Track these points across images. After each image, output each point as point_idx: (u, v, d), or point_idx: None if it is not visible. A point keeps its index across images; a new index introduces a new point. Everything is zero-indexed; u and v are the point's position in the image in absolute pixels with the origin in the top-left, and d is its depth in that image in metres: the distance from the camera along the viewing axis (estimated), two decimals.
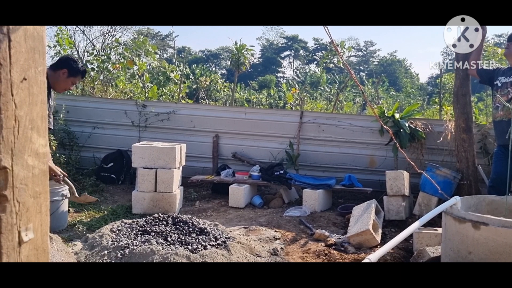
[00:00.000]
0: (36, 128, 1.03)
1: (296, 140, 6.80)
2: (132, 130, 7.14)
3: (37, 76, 1.02)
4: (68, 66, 3.74)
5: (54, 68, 3.74)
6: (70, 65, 3.76)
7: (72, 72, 3.77)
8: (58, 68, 3.74)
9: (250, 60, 10.95)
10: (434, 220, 4.19)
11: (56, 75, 3.73)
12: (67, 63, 3.77)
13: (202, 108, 7.76)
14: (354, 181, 6.10)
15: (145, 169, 5.30)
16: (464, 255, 3.29)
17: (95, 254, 3.76)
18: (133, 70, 8.88)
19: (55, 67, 3.75)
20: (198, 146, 6.98)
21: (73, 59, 3.86)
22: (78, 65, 3.81)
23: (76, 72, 3.80)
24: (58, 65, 3.75)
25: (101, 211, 5.24)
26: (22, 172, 0.99)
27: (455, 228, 3.35)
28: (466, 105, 5.33)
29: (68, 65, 3.75)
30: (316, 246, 4.25)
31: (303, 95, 10.40)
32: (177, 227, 4.24)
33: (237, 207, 5.75)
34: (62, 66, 3.75)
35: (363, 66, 48.12)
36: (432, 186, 4.96)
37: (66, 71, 3.74)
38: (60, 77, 3.74)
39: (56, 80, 3.73)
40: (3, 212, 0.95)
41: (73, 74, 3.79)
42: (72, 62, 3.79)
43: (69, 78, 3.78)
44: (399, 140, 5.88)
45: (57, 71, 3.72)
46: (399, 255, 4.01)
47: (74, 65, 3.78)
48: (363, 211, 4.64)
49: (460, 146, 5.40)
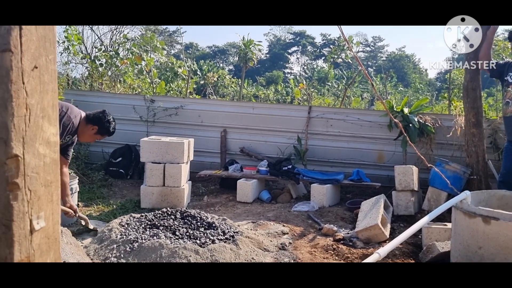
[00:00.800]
0: (47, 116, 1.03)
1: (304, 135, 6.78)
2: (141, 125, 7.16)
3: (48, 64, 1.02)
4: (100, 124, 3.70)
5: (88, 121, 3.69)
6: (103, 125, 3.71)
7: (101, 131, 3.74)
8: (91, 122, 3.69)
9: (257, 55, 10.94)
10: (443, 215, 4.16)
11: (87, 127, 3.68)
12: (101, 121, 3.71)
13: (210, 103, 7.76)
14: (362, 176, 6.07)
15: (153, 163, 5.32)
16: (474, 250, 3.26)
17: (104, 247, 3.78)
18: (141, 66, 8.89)
19: (89, 121, 3.69)
20: (206, 141, 6.99)
21: (109, 119, 3.75)
22: (110, 127, 3.75)
23: (105, 133, 3.77)
24: (92, 120, 3.70)
25: (110, 206, 5.27)
26: (33, 160, 0.99)
27: (465, 223, 3.32)
28: (476, 99, 5.28)
29: (101, 124, 3.70)
30: (324, 241, 4.24)
31: (310, 91, 10.36)
32: (185, 222, 4.25)
33: (245, 202, 5.75)
34: (95, 122, 3.69)
35: (371, 62, 47.83)
36: (441, 181, 4.92)
37: (97, 128, 3.70)
38: (89, 131, 3.70)
39: (84, 131, 3.69)
40: (15, 200, 0.96)
41: (101, 133, 3.76)
42: (106, 123, 3.72)
43: (96, 135, 3.75)
44: (408, 135, 5.84)
45: (88, 124, 3.68)
46: (408, 250, 3.99)
47: (107, 125, 3.72)
48: (371, 206, 4.62)
49: (470, 141, 5.35)
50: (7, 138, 0.94)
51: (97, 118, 3.70)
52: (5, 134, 0.94)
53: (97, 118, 3.70)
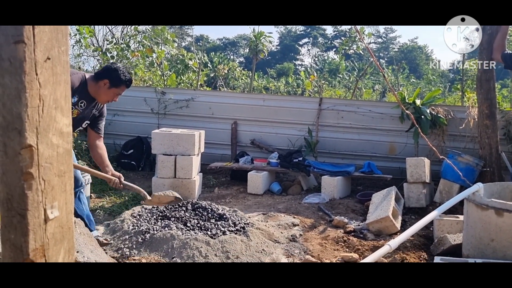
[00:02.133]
0: (60, 107, 1.04)
1: (315, 127, 6.76)
2: (152, 117, 7.20)
3: (61, 55, 1.03)
4: (109, 76, 3.39)
5: (96, 78, 3.42)
6: (111, 74, 3.39)
7: (114, 82, 3.40)
8: (100, 78, 3.40)
9: (268, 47, 10.90)
10: (455, 207, 4.14)
11: (98, 85, 3.40)
12: (108, 72, 3.41)
13: (220, 95, 7.77)
14: (373, 168, 6.04)
15: (164, 155, 5.35)
16: (487, 243, 3.24)
17: (117, 238, 3.83)
18: (152, 58, 8.92)
19: (96, 77, 3.42)
20: (216, 133, 7.00)
21: (116, 68, 3.44)
22: (120, 75, 3.40)
23: (118, 82, 3.42)
24: (100, 75, 3.42)
25: (122, 197, 5.32)
26: (47, 150, 1.01)
27: (477, 215, 3.30)
28: (489, 90, 5.21)
29: (109, 75, 3.39)
30: (335, 233, 4.25)
31: (321, 83, 10.30)
32: (196, 213, 4.28)
33: (256, 193, 5.77)
34: (104, 76, 3.40)
35: (383, 53, 47.34)
36: (453, 173, 4.88)
37: (108, 81, 3.39)
38: (102, 88, 3.40)
39: (97, 90, 3.41)
40: (29, 190, 0.97)
41: (115, 85, 3.42)
42: (114, 71, 3.41)
43: (111, 89, 3.42)
44: (420, 127, 5.79)
45: (98, 81, 3.40)
46: (420, 242, 3.98)
47: (116, 74, 3.39)
48: (382, 198, 4.60)
49: (483, 133, 5.29)
50: (21, 129, 0.95)
51: (103, 71, 3.45)
52: (19, 125, 0.95)
53: (104, 71, 3.45)
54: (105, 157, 3.60)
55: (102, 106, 3.61)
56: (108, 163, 3.58)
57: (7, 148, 0.96)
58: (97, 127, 3.61)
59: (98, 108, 3.57)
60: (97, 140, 3.61)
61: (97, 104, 3.54)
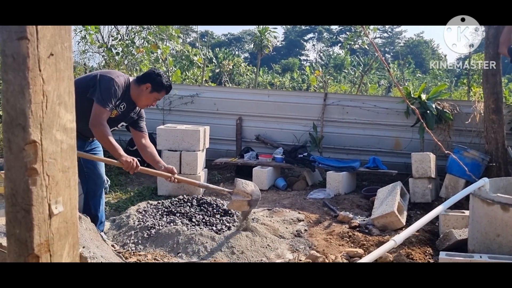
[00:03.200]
0: (63, 103, 1.05)
1: (320, 122, 6.75)
2: (157, 113, 7.21)
3: (64, 52, 1.04)
4: (152, 80, 3.44)
5: (138, 82, 3.46)
6: (154, 79, 3.45)
7: (155, 87, 3.45)
8: (142, 82, 3.44)
9: (273, 42, 10.86)
10: (461, 202, 4.13)
11: (140, 89, 3.44)
12: (151, 77, 3.46)
13: (225, 91, 7.76)
14: (378, 164, 6.03)
15: (169, 151, 5.37)
16: (492, 238, 3.23)
17: (123, 233, 3.85)
18: (156, 54, 8.92)
19: (139, 81, 3.46)
20: (221, 128, 7.01)
21: (159, 73, 3.50)
22: (162, 80, 3.47)
23: (160, 87, 3.47)
24: (143, 79, 3.46)
25: (128, 193, 5.35)
26: (51, 146, 1.01)
27: (483, 210, 3.29)
28: (496, 84, 5.18)
29: (152, 79, 3.44)
30: (340, 228, 4.25)
31: (326, 78, 10.27)
32: (201, 208, 4.30)
33: (261, 189, 5.73)
34: (146, 80, 3.44)
35: (388, 48, 47.09)
36: (459, 168, 4.86)
37: (150, 85, 3.44)
38: (143, 92, 3.44)
39: (139, 94, 3.45)
40: (33, 185, 0.98)
41: (157, 89, 3.47)
42: (156, 77, 3.46)
43: (152, 93, 3.47)
44: (426, 122, 5.76)
45: (141, 85, 3.44)
46: (425, 237, 3.97)
47: (159, 79, 3.45)
48: (388, 193, 4.59)
49: (489, 127, 5.26)
50: (25, 124, 0.96)
51: (146, 75, 3.49)
52: (23, 120, 0.96)
53: (147, 75, 3.49)
54: (155, 154, 3.65)
55: (139, 110, 3.64)
56: (159, 159, 3.64)
57: (11, 144, 0.97)
58: (139, 126, 3.66)
59: (136, 112, 3.61)
60: (143, 139, 3.66)
61: (135, 108, 3.57)
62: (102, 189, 3.68)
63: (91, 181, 3.54)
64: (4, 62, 0.95)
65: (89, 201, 3.57)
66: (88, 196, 3.56)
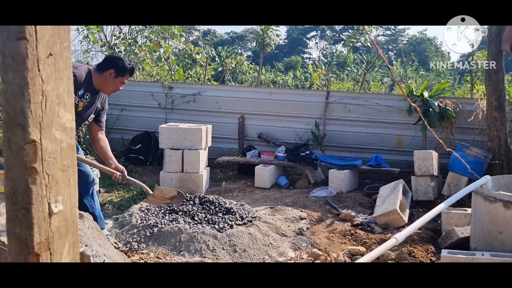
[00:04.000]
0: (63, 103, 1.05)
1: (322, 120, 6.75)
2: (159, 112, 7.23)
3: (63, 52, 1.04)
4: (114, 65, 3.41)
5: (100, 69, 3.44)
6: (116, 64, 3.42)
7: (119, 71, 3.43)
8: (104, 69, 3.42)
9: (275, 41, 10.85)
10: (463, 200, 4.12)
11: (103, 76, 3.42)
12: (113, 62, 3.43)
13: (227, 89, 7.77)
14: (381, 162, 6.02)
15: (172, 150, 5.38)
16: (495, 235, 3.23)
17: (125, 232, 3.87)
18: (159, 53, 8.93)
19: (101, 68, 3.44)
20: (223, 127, 7.02)
21: (119, 57, 3.50)
22: (125, 63, 3.45)
23: (123, 71, 3.45)
24: (104, 66, 3.43)
25: (130, 191, 5.37)
26: (50, 145, 1.02)
27: (485, 208, 3.28)
28: (498, 82, 5.16)
29: (115, 65, 3.41)
30: (342, 226, 4.25)
31: (329, 76, 10.25)
32: (204, 207, 4.31)
33: (263, 187, 5.78)
34: (108, 66, 3.42)
35: (391, 46, 46.90)
36: (461, 166, 4.85)
37: (113, 71, 3.41)
38: (108, 78, 3.43)
39: (103, 81, 3.44)
40: (33, 184, 0.99)
41: (121, 74, 3.45)
42: (118, 61, 3.44)
43: (117, 78, 3.44)
44: (428, 120, 5.75)
45: (103, 72, 3.42)
46: (427, 235, 3.97)
47: (121, 63, 3.43)
48: (390, 191, 4.59)
49: (492, 125, 5.25)
50: (25, 124, 0.97)
51: (107, 61, 3.47)
52: (22, 120, 0.97)
53: (108, 61, 3.47)
54: (107, 150, 3.59)
55: (104, 98, 3.64)
56: (111, 155, 3.56)
57: (11, 144, 0.98)
58: (99, 119, 3.63)
59: (101, 101, 3.60)
60: (99, 132, 3.62)
61: (100, 96, 3.57)
62: (93, 187, 3.69)
63: (82, 180, 3.51)
64: (3, 62, 0.96)
65: (83, 201, 3.57)
66: (82, 196, 3.54)
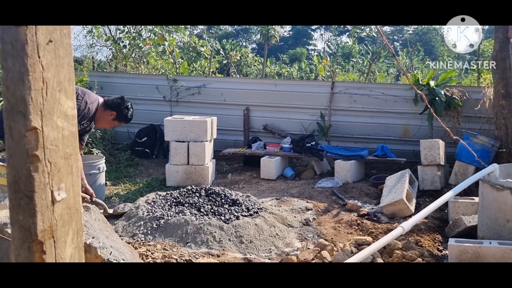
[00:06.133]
0: (64, 90, 1.05)
1: (328, 111, 6.71)
2: (164, 104, 7.23)
3: (63, 38, 1.03)
4: (119, 110, 3.60)
5: (106, 107, 3.60)
6: (121, 111, 3.61)
7: (119, 117, 3.64)
8: (109, 108, 3.59)
9: (280, 33, 10.79)
10: (470, 189, 4.10)
11: (105, 113, 3.59)
12: (119, 107, 3.60)
13: (232, 81, 7.75)
14: (387, 152, 5.99)
15: (177, 142, 5.38)
16: (502, 223, 3.21)
17: (132, 224, 3.88)
18: (163, 46, 8.92)
19: (107, 107, 3.60)
20: (229, 119, 7.01)
21: (127, 106, 3.65)
22: (128, 113, 3.64)
23: (122, 119, 3.67)
24: (111, 106, 3.60)
25: (137, 184, 5.38)
26: (52, 133, 1.02)
27: (492, 196, 3.26)
28: (505, 70, 5.11)
29: (119, 110, 3.60)
30: (348, 216, 4.24)
31: (334, 67, 10.19)
32: (210, 199, 4.31)
33: (269, 179, 5.77)
34: (114, 108, 3.59)
35: (397, 36, 46.52)
36: (468, 155, 4.81)
37: (115, 114, 3.60)
38: (106, 117, 3.60)
39: (101, 117, 3.60)
40: (35, 172, 0.99)
41: (119, 119, 3.66)
42: (124, 109, 3.62)
43: (114, 121, 3.66)
44: (434, 109, 5.70)
45: (106, 110, 3.59)
46: (434, 224, 3.95)
47: (125, 112, 3.62)
48: (396, 181, 4.57)
49: (499, 113, 5.20)
50: (26, 111, 0.96)
51: (115, 104, 3.61)
52: (23, 108, 0.96)
53: (116, 104, 3.61)
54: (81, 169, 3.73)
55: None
56: (83, 177, 3.64)
57: (13, 131, 0.97)
58: (82, 138, 3.74)
59: (91, 127, 3.78)
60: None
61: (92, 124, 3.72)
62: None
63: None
64: (3, 49, 0.95)
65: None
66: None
